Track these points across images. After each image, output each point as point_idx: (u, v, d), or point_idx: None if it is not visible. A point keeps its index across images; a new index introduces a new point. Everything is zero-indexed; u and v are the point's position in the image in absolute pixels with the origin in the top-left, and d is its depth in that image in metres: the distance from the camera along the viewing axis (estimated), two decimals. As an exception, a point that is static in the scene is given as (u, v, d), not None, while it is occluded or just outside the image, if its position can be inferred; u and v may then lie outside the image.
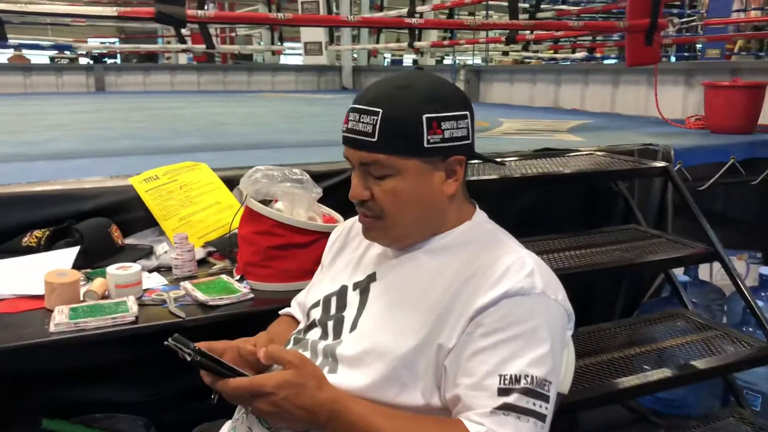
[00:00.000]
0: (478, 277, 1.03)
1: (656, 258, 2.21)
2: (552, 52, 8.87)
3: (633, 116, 4.45)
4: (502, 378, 0.95)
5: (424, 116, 1.05)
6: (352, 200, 1.13)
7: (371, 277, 1.16)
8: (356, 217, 1.34)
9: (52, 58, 11.18)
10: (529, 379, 0.95)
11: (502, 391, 0.94)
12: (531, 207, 2.58)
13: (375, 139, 1.05)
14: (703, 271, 2.96)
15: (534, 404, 0.94)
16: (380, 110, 1.05)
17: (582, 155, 2.64)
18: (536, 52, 8.69)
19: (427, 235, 1.13)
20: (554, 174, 2.30)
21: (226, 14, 5.11)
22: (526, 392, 0.94)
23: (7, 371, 1.91)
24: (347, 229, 1.32)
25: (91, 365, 2.01)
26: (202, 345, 1.06)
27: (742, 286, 2.20)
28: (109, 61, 11.85)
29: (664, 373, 1.99)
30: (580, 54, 7.82)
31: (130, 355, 1.99)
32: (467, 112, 1.10)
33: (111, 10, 2.32)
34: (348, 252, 1.28)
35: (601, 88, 4.93)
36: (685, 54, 8.46)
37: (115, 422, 2.07)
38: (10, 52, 10.64)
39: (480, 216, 1.18)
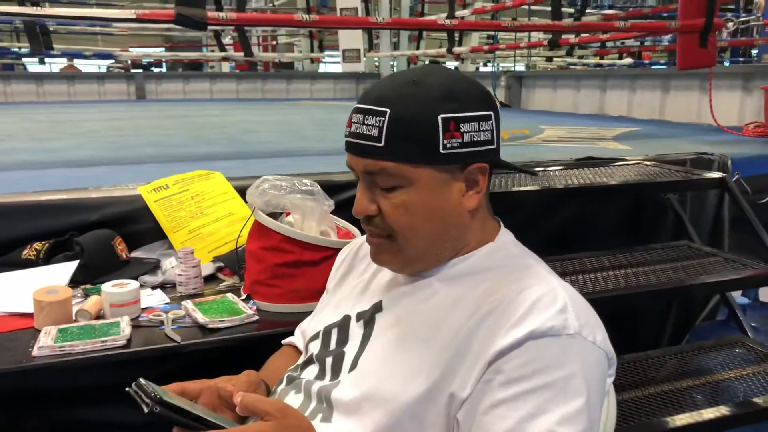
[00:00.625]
0: (500, 311, 0.85)
1: (711, 279, 1.99)
2: (598, 58, 8.57)
3: (684, 123, 4.20)
4: (526, 438, 0.78)
5: (440, 116, 0.87)
6: (356, 216, 0.97)
7: (377, 307, 1.00)
8: (362, 237, 1.19)
9: (108, 68, 11.42)
10: (559, 440, 0.77)
11: (525, 455, 0.77)
12: (571, 221, 2.38)
13: (382, 144, 0.88)
14: (766, 292, 2.71)
15: (565, 472, 0.76)
16: (387, 110, 0.88)
17: (628, 165, 2.44)
18: (581, 57, 8.41)
19: (443, 258, 0.96)
20: (599, 186, 2.10)
21: (247, 16, 4.94)
22: (555, 457, 0.76)
23: (7, 390, 1.82)
24: (355, 249, 1.16)
25: (96, 386, 1.90)
26: (172, 387, 0.91)
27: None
28: (156, 70, 12.04)
29: (720, 410, 1.77)
30: (627, 60, 7.52)
31: (129, 375, 1.86)
32: (491, 112, 0.92)
33: (129, 13, 2.22)
34: (354, 276, 1.12)
35: (649, 94, 4.67)
36: (740, 59, 8.06)
37: (122, 445, 1.96)
38: (63, 62, 10.90)
39: (505, 237, 1.00)
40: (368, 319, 0.99)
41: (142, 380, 0.82)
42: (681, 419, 1.74)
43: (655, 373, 1.99)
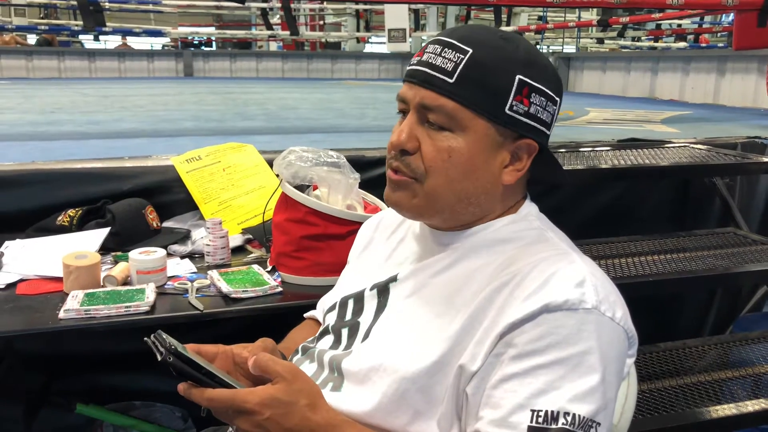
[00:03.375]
0: (515, 284, 0.82)
1: (757, 268, 1.89)
2: (651, 40, 8.28)
3: (739, 108, 4.01)
4: (536, 414, 0.74)
5: (518, 76, 0.85)
6: (390, 149, 0.90)
7: (392, 278, 0.97)
8: (386, 210, 1.16)
9: (163, 46, 11.63)
10: (569, 418, 0.74)
11: (533, 431, 0.74)
12: (613, 205, 2.31)
13: (452, 80, 0.84)
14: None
15: (574, 453, 0.73)
16: (470, 50, 0.84)
17: (675, 147, 2.34)
18: (635, 40, 8.14)
19: (461, 220, 0.92)
20: (642, 167, 2.01)
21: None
22: (565, 436, 0.73)
23: (41, 352, 1.88)
24: (376, 223, 1.14)
25: (127, 351, 1.93)
26: (190, 347, 0.91)
27: None
28: (205, 48, 12.21)
29: (763, 403, 1.69)
30: (682, 43, 7.24)
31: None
32: (559, 99, 0.91)
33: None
34: (374, 248, 1.10)
35: (704, 77, 4.49)
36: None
37: (153, 411, 2.00)
38: (118, 40, 11.16)
39: (529, 208, 0.95)
40: (382, 289, 0.98)
41: (161, 331, 0.82)
42: (721, 410, 1.67)
43: (692, 363, 1.92)
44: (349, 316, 1.01)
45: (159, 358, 0.81)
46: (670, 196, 2.39)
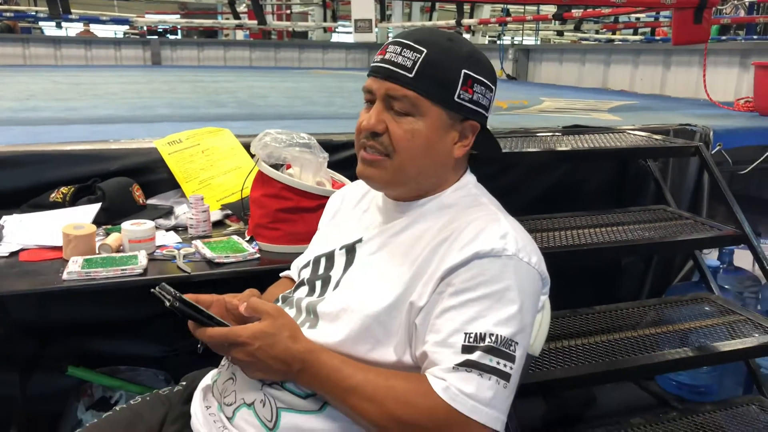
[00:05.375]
0: (453, 238, 1.03)
1: (682, 238, 2.15)
2: (610, 33, 8.60)
3: (682, 98, 4.30)
4: (467, 336, 0.96)
5: (463, 71, 1.07)
6: (362, 131, 1.10)
7: (359, 240, 1.18)
8: (351, 184, 1.36)
9: (124, 33, 11.50)
10: (493, 338, 0.95)
11: (466, 349, 0.95)
12: (557, 185, 2.55)
13: (411, 75, 1.05)
14: (744, 259, 2.85)
15: (498, 363, 0.94)
16: (425, 50, 1.06)
17: (614, 133, 2.58)
18: (593, 33, 8.45)
19: (421, 190, 1.13)
20: (583, 150, 2.25)
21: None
22: (490, 350, 0.94)
23: (35, 319, 2.03)
24: (342, 196, 1.35)
25: (115, 319, 2.11)
26: (189, 296, 1.10)
27: (770, 272, 2.12)
28: (171, 37, 12.14)
29: (685, 352, 1.94)
30: (639, 37, 7.56)
31: (151, 311, 2.07)
32: (494, 88, 1.13)
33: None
34: (341, 216, 1.30)
35: (652, 69, 4.77)
36: (754, 37, 8.06)
37: (137, 375, 2.16)
38: (79, 27, 11.04)
39: (468, 178, 1.18)
40: (350, 248, 1.18)
41: (164, 283, 1.00)
42: (647, 359, 1.91)
43: (624, 322, 2.17)
44: (321, 270, 1.21)
45: (167, 304, 1.00)
46: (609, 177, 2.64)
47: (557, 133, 2.57)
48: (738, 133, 2.77)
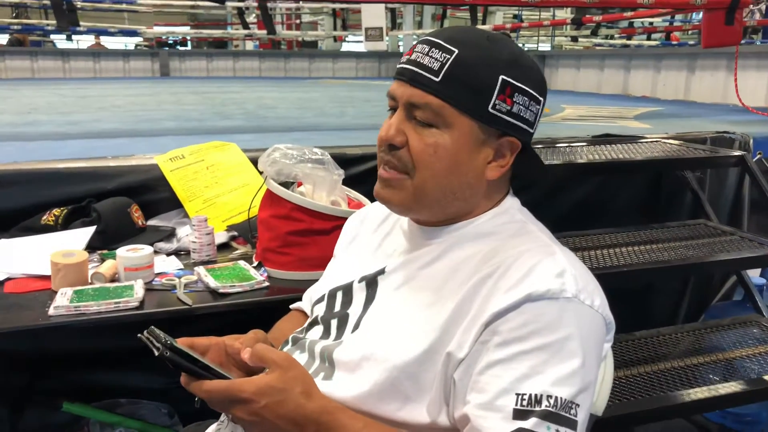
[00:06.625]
0: (498, 275, 0.86)
1: (727, 257, 1.96)
2: (625, 39, 8.41)
3: (709, 104, 4.12)
4: (520, 398, 0.78)
5: (501, 77, 0.88)
6: (380, 143, 0.94)
7: (380, 271, 1.01)
8: (373, 204, 1.19)
9: (136, 45, 11.48)
10: (552, 401, 0.78)
11: (519, 414, 0.78)
12: (588, 199, 2.37)
13: (438, 80, 0.88)
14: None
15: (557, 431, 0.77)
16: (456, 50, 0.88)
17: (647, 143, 2.41)
18: (607, 38, 8.26)
19: (447, 215, 0.96)
20: (615, 162, 2.07)
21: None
22: (547, 416, 0.77)
23: (28, 351, 1.88)
24: (362, 218, 1.18)
25: (113, 349, 1.95)
26: (182, 341, 0.93)
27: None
28: (181, 48, 12.11)
29: (733, 386, 1.76)
30: (654, 42, 7.37)
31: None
32: (542, 99, 0.94)
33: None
34: (360, 242, 1.13)
35: (675, 74, 4.59)
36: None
37: (138, 408, 2.01)
38: (91, 40, 11.01)
39: (511, 202, 1.00)
40: (370, 281, 1.01)
41: (153, 327, 0.84)
42: (694, 393, 1.74)
43: (668, 349, 1.99)
44: (338, 307, 1.04)
45: (156, 353, 0.84)
46: (643, 190, 2.46)
47: (586, 144, 2.39)
48: (779, 141, 2.59)
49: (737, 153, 2.17)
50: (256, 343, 0.98)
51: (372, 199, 1.68)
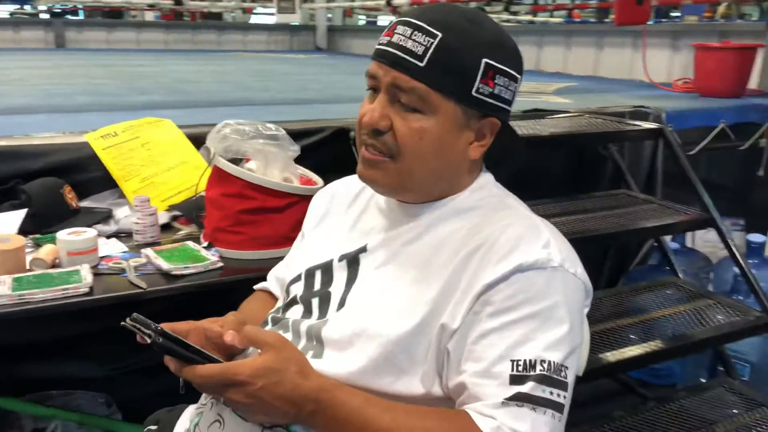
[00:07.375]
0: (486, 248, 0.88)
1: (651, 224, 2.10)
2: (531, 15, 8.66)
3: (617, 79, 4.33)
4: (515, 364, 0.82)
5: (484, 60, 0.89)
6: (362, 126, 0.94)
7: (362, 249, 1.01)
8: (340, 181, 1.18)
9: (11, 13, 10.61)
10: (545, 365, 0.82)
11: (515, 379, 0.81)
12: (518, 173, 2.43)
13: (422, 65, 0.88)
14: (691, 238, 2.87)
15: (551, 393, 0.81)
16: (440, 34, 0.88)
17: (572, 117, 2.51)
18: (515, 14, 8.48)
19: (432, 195, 0.97)
20: (548, 136, 2.15)
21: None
22: (543, 380, 0.81)
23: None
24: (331, 194, 1.17)
25: (47, 339, 1.85)
26: (164, 326, 0.90)
27: (737, 254, 2.10)
28: (71, 17, 11.31)
29: (655, 345, 1.89)
30: (559, 19, 7.64)
31: (90, 328, 1.82)
32: (520, 77, 0.95)
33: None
34: (332, 220, 1.12)
35: (584, 51, 4.78)
36: (662, 20, 8.34)
37: (73, 399, 1.92)
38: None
39: (486, 177, 1.02)
40: (351, 260, 1.01)
41: (137, 314, 0.81)
42: (618, 354, 1.83)
43: (590, 313, 2.09)
44: (317, 286, 1.03)
45: (148, 341, 0.81)
46: (569, 162, 2.58)
47: (518, 118, 2.47)
48: (687, 115, 2.77)
49: (656, 126, 2.31)
50: (237, 325, 0.96)
51: (319, 175, 1.67)
